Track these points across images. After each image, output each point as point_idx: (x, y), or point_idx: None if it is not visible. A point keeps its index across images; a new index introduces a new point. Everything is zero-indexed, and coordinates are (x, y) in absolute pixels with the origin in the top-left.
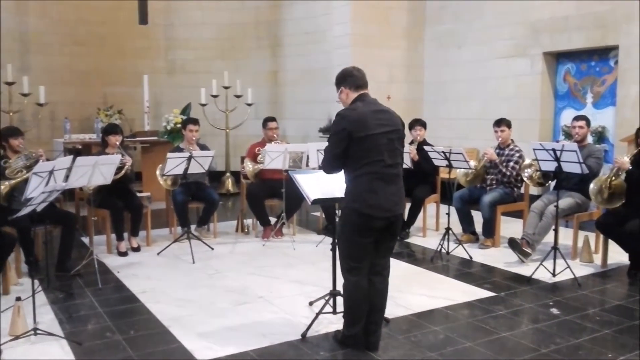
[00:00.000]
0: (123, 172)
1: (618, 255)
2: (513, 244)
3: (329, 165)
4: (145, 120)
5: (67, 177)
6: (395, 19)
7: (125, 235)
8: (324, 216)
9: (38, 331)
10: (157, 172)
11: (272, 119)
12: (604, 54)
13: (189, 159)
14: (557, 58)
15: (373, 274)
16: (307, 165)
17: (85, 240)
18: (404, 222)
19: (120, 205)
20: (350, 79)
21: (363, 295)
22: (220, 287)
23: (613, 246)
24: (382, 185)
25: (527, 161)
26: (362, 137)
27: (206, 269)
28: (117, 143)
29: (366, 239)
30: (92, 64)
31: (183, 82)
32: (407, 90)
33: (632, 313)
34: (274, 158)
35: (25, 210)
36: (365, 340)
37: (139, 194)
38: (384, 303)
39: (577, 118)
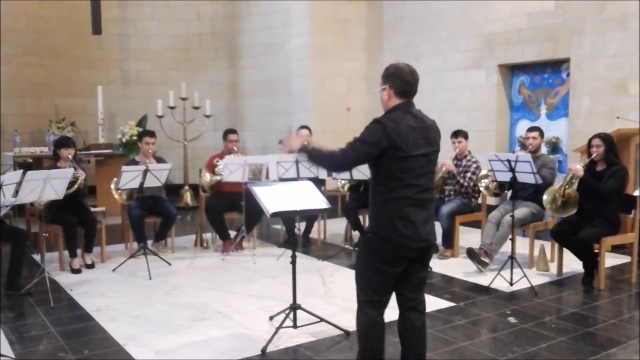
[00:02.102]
0: (76, 186)
1: (573, 264)
2: (471, 254)
3: (343, 166)
4: (100, 132)
5: (16, 192)
6: (353, 31)
7: (79, 251)
8: (284, 229)
9: None
10: (112, 186)
11: (233, 131)
12: (556, 67)
13: (145, 172)
14: (511, 70)
15: (408, 310)
16: (266, 177)
17: (37, 257)
18: (364, 232)
19: (73, 221)
20: (398, 81)
21: (381, 334)
22: (177, 304)
23: (568, 255)
24: (416, 211)
25: (484, 172)
26: (400, 157)
27: (163, 285)
28: (70, 156)
29: (393, 269)
30: (43, 74)
31: (138, 94)
32: (366, 102)
33: (586, 320)
34: (233, 171)
35: None
36: None
37: (93, 209)
38: (424, 346)
39: (530, 129)
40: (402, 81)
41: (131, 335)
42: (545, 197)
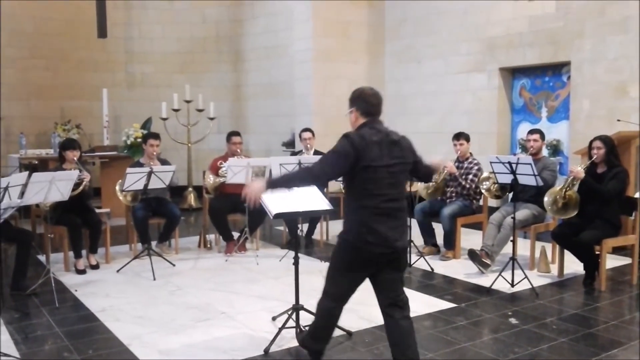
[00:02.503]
0: (81, 188)
1: (574, 265)
2: (473, 255)
3: (322, 176)
4: (105, 134)
5: (22, 194)
6: (356, 34)
7: (84, 252)
8: (287, 230)
9: None
10: (117, 188)
11: (237, 134)
12: (557, 70)
13: (149, 174)
14: (512, 73)
15: (387, 306)
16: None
17: (42, 258)
18: None
19: (78, 222)
20: (362, 103)
21: (334, 321)
22: (181, 304)
23: (569, 256)
24: (382, 220)
25: (485, 174)
26: (365, 168)
27: (167, 286)
28: (75, 158)
29: (360, 273)
30: (49, 77)
31: (143, 96)
32: None
33: (587, 321)
34: (237, 172)
35: None
36: None
37: (97, 210)
38: (409, 340)
39: (531, 132)
40: (366, 103)
41: (135, 335)
42: (546, 198)
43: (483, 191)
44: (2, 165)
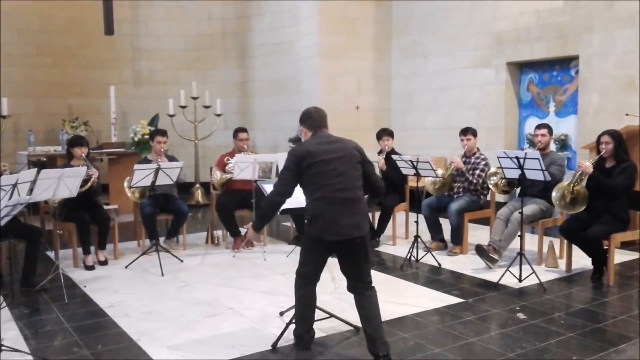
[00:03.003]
0: (89, 184)
1: (582, 260)
2: (480, 250)
3: (282, 192)
4: (112, 131)
5: (31, 190)
6: (363, 30)
7: (92, 248)
8: (294, 226)
9: (3, 347)
10: (125, 184)
11: (243, 130)
12: (565, 64)
13: (157, 170)
14: (520, 68)
15: (350, 288)
16: (276, 175)
17: (51, 254)
18: (374, 230)
19: (87, 218)
20: (308, 120)
21: (307, 300)
22: (189, 300)
23: (577, 251)
24: (333, 209)
25: (493, 169)
26: (308, 165)
27: (175, 282)
28: (83, 155)
29: (320, 258)
30: (57, 74)
31: (150, 93)
32: (376, 100)
33: (595, 316)
34: (244, 169)
35: None
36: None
37: (106, 207)
38: (374, 319)
39: (539, 126)
40: (309, 119)
41: (144, 330)
42: (554, 193)
43: (490, 186)
44: (11, 163)
